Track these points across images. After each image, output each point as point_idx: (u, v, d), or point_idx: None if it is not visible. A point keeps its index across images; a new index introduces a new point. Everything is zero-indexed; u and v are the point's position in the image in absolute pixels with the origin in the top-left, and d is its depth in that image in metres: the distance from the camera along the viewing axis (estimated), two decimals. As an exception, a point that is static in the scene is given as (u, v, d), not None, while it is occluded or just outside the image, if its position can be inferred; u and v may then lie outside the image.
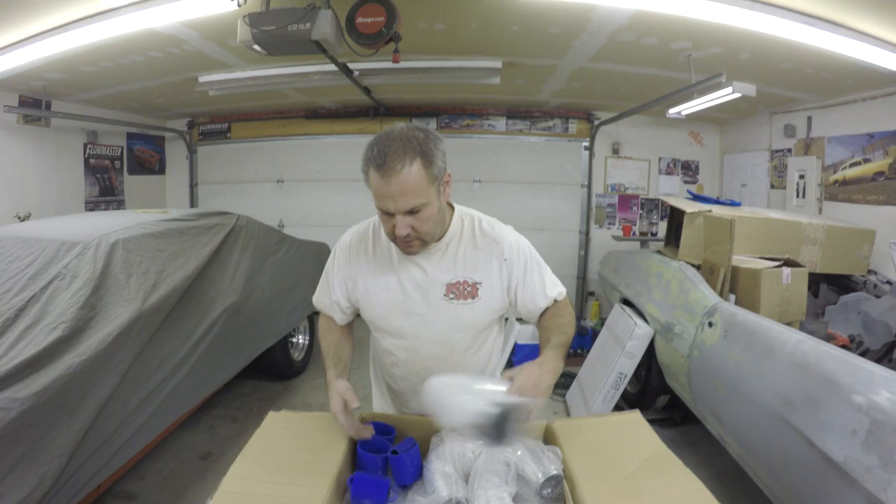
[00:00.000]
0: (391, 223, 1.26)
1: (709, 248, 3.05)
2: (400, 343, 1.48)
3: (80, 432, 1.94)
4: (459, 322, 1.43)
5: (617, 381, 3.30)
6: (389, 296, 1.43)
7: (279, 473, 1.18)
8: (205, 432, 3.29)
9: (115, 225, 2.67)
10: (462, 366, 1.49)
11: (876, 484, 1.56)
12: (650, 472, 1.18)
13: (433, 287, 1.41)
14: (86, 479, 2.04)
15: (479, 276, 1.41)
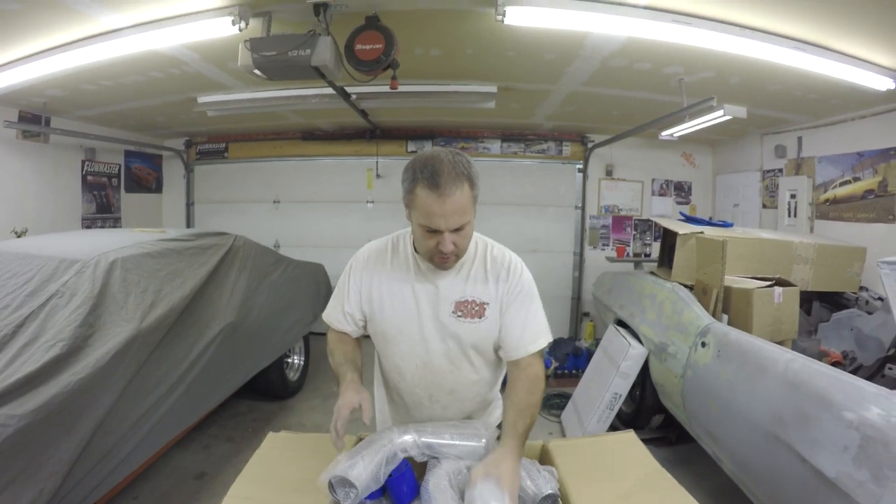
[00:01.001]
0: (435, 240, 1.34)
1: (701, 269, 3.09)
2: (409, 355, 1.52)
3: (77, 450, 1.94)
4: (465, 341, 1.48)
5: (612, 402, 3.32)
6: (404, 306, 1.49)
7: (279, 493, 1.20)
8: (200, 452, 3.27)
9: (114, 244, 2.69)
10: (467, 383, 1.54)
11: (868, 498, 1.59)
12: (645, 491, 1.21)
13: (443, 304, 1.47)
14: (81, 497, 2.03)
15: (487, 297, 1.48)
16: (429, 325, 1.48)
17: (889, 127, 3.59)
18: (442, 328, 1.48)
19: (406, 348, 1.52)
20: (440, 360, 1.51)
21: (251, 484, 1.23)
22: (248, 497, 1.18)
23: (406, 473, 1.24)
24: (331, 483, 1.15)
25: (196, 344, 2.76)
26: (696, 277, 3.13)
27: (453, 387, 1.55)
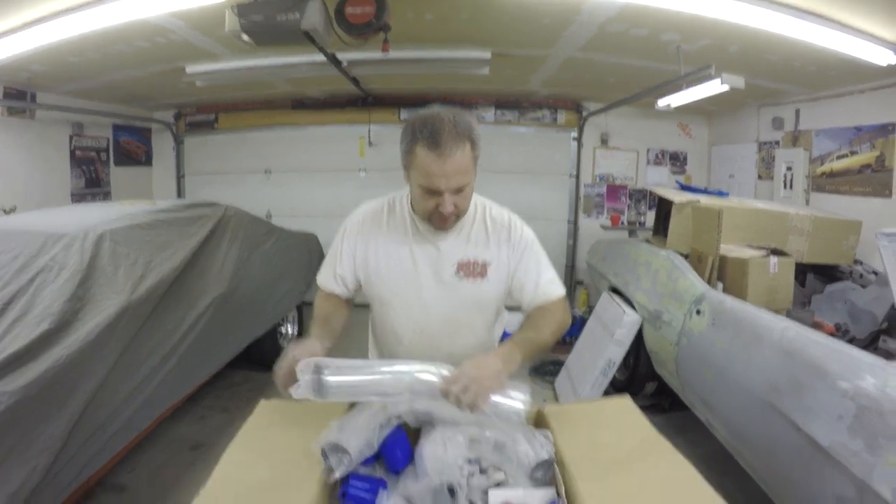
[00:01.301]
0: (434, 201, 1.31)
1: (697, 237, 3.08)
2: (406, 319, 1.50)
3: (69, 425, 1.93)
4: (468, 300, 1.48)
5: (606, 369, 3.33)
6: (402, 269, 1.46)
7: (272, 460, 1.18)
8: (195, 423, 3.27)
9: (102, 217, 2.65)
10: (465, 347, 1.51)
11: (862, 468, 1.59)
12: (641, 455, 1.20)
13: (445, 264, 1.45)
14: (76, 471, 2.04)
15: (489, 256, 1.47)
16: (429, 287, 1.46)
17: (888, 102, 3.54)
18: (443, 289, 1.46)
19: (403, 312, 1.50)
20: (438, 324, 1.49)
21: (243, 451, 1.22)
22: (240, 464, 1.17)
23: (400, 438, 1.23)
24: (323, 450, 1.14)
25: (187, 315, 2.75)
26: (692, 246, 3.12)
27: (451, 350, 1.52)
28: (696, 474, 1.11)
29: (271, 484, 1.10)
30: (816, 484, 1.78)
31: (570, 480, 1.12)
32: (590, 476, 1.12)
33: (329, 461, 1.14)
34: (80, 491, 2.24)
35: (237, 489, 1.09)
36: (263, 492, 1.08)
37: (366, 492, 1.10)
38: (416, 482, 1.12)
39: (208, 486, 1.08)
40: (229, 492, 1.08)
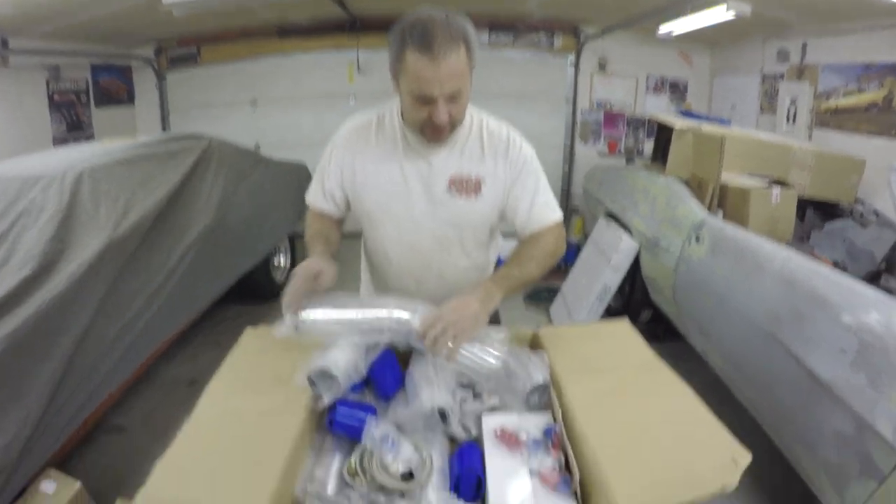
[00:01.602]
0: (426, 110, 1.21)
1: (697, 164, 3.00)
2: (396, 237, 1.44)
3: (59, 371, 1.90)
4: (460, 218, 1.40)
5: (601, 295, 3.32)
6: (392, 185, 1.38)
7: (258, 388, 1.14)
8: (188, 361, 3.26)
9: (81, 156, 2.55)
10: (457, 268, 1.47)
11: (863, 404, 1.56)
12: (640, 380, 1.16)
13: (437, 179, 1.36)
14: (69, 416, 2.01)
15: (484, 172, 1.37)
16: (419, 204, 1.39)
17: (900, 40, 3.36)
18: (435, 206, 1.38)
19: (392, 230, 1.43)
20: (429, 242, 1.43)
21: (229, 382, 1.18)
22: (225, 396, 1.13)
23: (389, 362, 1.19)
24: (310, 377, 1.09)
25: (174, 249, 2.69)
26: (692, 173, 3.04)
27: (442, 271, 1.47)
28: (698, 402, 1.07)
29: (256, 414, 1.05)
30: (814, 418, 1.76)
31: (567, 405, 1.09)
32: (587, 401, 1.08)
33: (316, 388, 1.09)
34: (76, 436, 2.25)
35: (222, 420, 1.04)
36: (248, 422, 1.03)
37: (353, 418, 1.06)
38: (407, 407, 1.08)
39: (192, 418, 1.04)
40: (214, 423, 1.04)
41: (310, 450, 1.07)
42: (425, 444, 1.05)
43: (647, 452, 0.93)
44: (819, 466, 1.75)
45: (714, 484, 0.85)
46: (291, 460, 0.95)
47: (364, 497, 0.94)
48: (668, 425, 1.01)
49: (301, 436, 1.01)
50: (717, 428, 0.99)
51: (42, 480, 1.84)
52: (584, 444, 0.98)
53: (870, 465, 1.52)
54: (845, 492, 1.62)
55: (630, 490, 0.84)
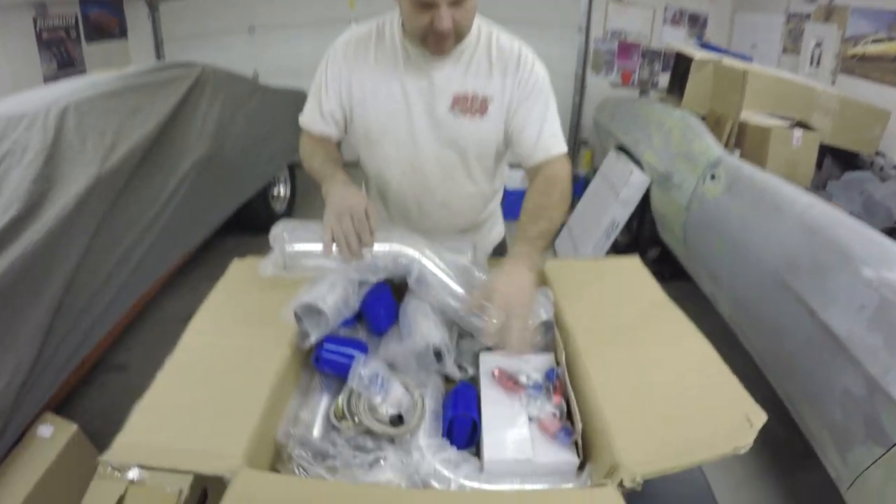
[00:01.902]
0: (427, 17, 1.07)
1: (716, 99, 2.84)
2: (395, 157, 1.32)
3: (51, 312, 1.85)
4: (464, 142, 1.28)
5: (609, 230, 3.23)
6: (391, 103, 1.25)
7: (242, 325, 1.06)
8: (188, 295, 3.19)
9: (67, 91, 2.43)
10: (461, 195, 1.37)
11: (877, 366, 1.48)
12: (650, 323, 1.06)
13: (439, 98, 1.24)
14: (65, 359, 1.97)
15: (491, 90, 1.24)
16: (420, 124, 1.26)
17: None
18: (436, 127, 1.26)
19: (392, 150, 1.31)
20: (431, 166, 1.31)
21: (212, 317, 1.10)
22: (207, 332, 1.06)
23: (383, 296, 1.10)
24: (297, 314, 1.01)
25: (167, 182, 2.60)
26: (710, 107, 2.89)
27: (445, 198, 1.36)
28: (713, 352, 0.98)
29: (239, 352, 0.98)
30: (824, 375, 1.68)
31: (572, 346, 1.01)
32: (593, 343, 1.00)
33: (303, 324, 1.02)
34: (75, 377, 2.23)
35: (202, 360, 0.97)
36: (230, 361, 0.96)
37: (341, 355, 0.99)
38: (400, 344, 1.00)
39: (174, 355, 0.98)
40: (194, 364, 0.97)
41: (296, 390, 1.01)
42: (418, 384, 0.98)
43: (656, 406, 0.85)
44: (823, 425, 1.69)
45: (726, 445, 0.76)
46: (273, 402, 0.89)
47: (350, 441, 0.87)
48: (679, 376, 0.92)
49: (284, 375, 0.94)
50: (732, 382, 0.90)
51: (39, 425, 1.81)
52: (587, 391, 0.90)
53: (878, 430, 1.45)
54: (848, 454, 1.56)
55: (634, 447, 0.77)
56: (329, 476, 0.80)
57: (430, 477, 0.81)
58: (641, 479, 0.72)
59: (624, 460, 0.74)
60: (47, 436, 1.80)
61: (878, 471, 1.44)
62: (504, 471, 0.84)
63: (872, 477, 1.46)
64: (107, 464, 0.76)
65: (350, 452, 0.84)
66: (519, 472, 0.83)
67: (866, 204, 2.79)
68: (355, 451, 0.85)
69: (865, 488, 1.49)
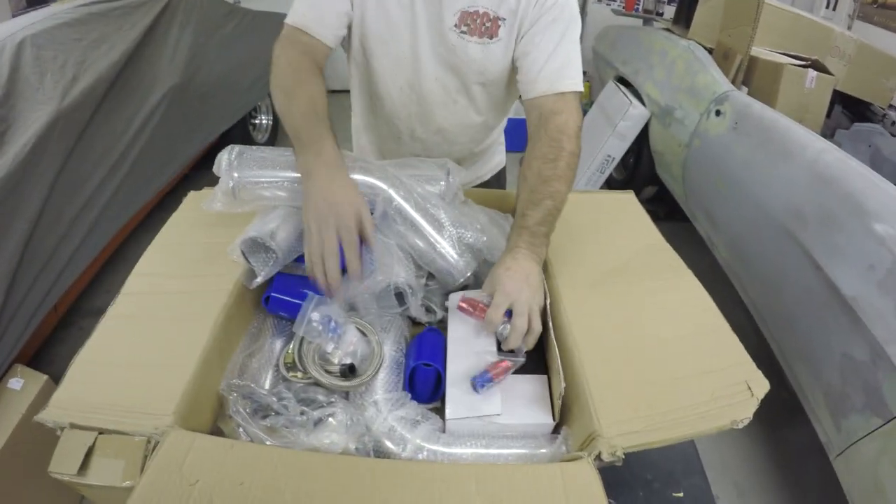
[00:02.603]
0: None
1: (726, 30, 2.65)
2: (392, 74, 1.15)
3: (15, 259, 1.77)
4: (467, 66, 1.10)
5: (603, 164, 3.11)
6: (394, 9, 1.06)
7: (189, 265, 0.95)
8: (166, 232, 3.11)
9: (23, 24, 2.23)
10: (462, 124, 1.21)
11: (884, 332, 1.38)
12: (645, 268, 0.95)
13: (446, 11, 1.05)
14: (34, 306, 1.90)
15: (505, 10, 1.05)
16: (423, 40, 1.08)
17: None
18: (440, 45, 1.08)
19: (389, 65, 1.13)
20: (432, 87, 1.14)
21: (158, 257, 0.99)
22: (152, 274, 0.95)
23: None
24: (243, 251, 0.90)
25: (136, 114, 2.47)
26: (719, 39, 2.70)
27: (443, 125, 1.20)
28: (709, 300, 0.88)
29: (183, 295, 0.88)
30: (825, 335, 1.58)
31: (556, 289, 0.90)
32: (578, 284, 0.89)
33: (251, 262, 0.90)
34: (50, 322, 2.17)
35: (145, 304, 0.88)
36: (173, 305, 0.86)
37: (294, 295, 0.88)
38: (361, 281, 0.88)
39: (117, 300, 0.88)
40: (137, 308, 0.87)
41: (246, 337, 0.91)
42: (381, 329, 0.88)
43: (645, 366, 0.75)
44: (818, 387, 1.60)
45: (722, 417, 0.67)
46: (215, 351, 0.79)
47: (298, 395, 0.78)
48: (673, 331, 0.81)
49: (227, 320, 0.84)
50: (731, 342, 0.79)
51: (9, 378, 1.76)
52: (568, 342, 0.79)
53: (878, 400, 1.37)
54: (843, 422, 1.48)
55: (617, 415, 0.67)
56: (267, 437, 0.71)
57: (384, 437, 0.72)
58: (622, 453, 0.62)
59: (604, 430, 0.65)
60: (18, 388, 1.74)
61: (872, 443, 1.37)
62: (468, 431, 0.74)
63: (866, 448, 1.39)
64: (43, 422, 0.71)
65: (297, 408, 0.74)
66: (485, 433, 0.74)
67: (874, 158, 2.65)
68: (303, 407, 0.75)
69: (857, 458, 1.42)
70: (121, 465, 1.00)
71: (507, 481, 0.61)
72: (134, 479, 0.96)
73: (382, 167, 0.93)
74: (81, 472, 0.82)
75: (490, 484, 0.60)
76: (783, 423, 2.06)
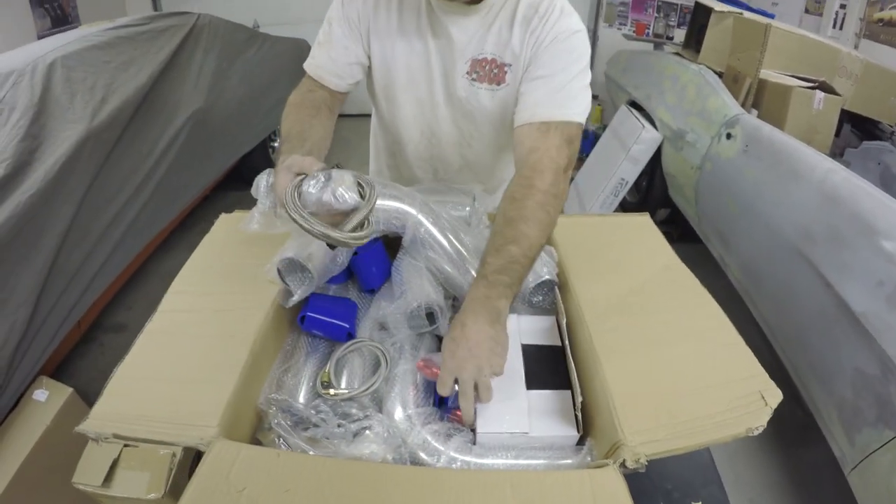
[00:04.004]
0: None
1: (735, 54, 2.70)
2: (413, 121, 1.21)
3: (43, 273, 1.82)
4: (479, 112, 1.15)
5: (617, 187, 3.14)
6: (414, 59, 1.11)
7: (225, 284, 1.00)
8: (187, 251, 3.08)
9: (55, 45, 2.33)
10: (481, 164, 1.27)
11: (894, 346, 1.40)
12: (662, 288, 0.99)
13: (457, 62, 1.10)
14: (60, 320, 1.95)
15: (511, 56, 1.08)
16: (439, 87, 1.14)
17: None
18: (454, 92, 1.13)
19: (410, 112, 1.19)
20: (449, 130, 1.20)
21: (194, 277, 1.04)
22: (188, 293, 1.00)
23: (375, 251, 1.02)
24: (279, 270, 0.94)
25: (161, 136, 2.54)
26: (728, 63, 2.76)
27: (462, 166, 1.26)
28: (724, 318, 0.91)
29: (220, 312, 0.92)
30: (836, 351, 1.61)
31: (575, 310, 0.93)
32: (598, 305, 0.93)
33: (287, 282, 0.95)
34: (72, 337, 2.21)
35: (183, 321, 0.92)
36: (210, 322, 0.90)
37: (327, 314, 0.92)
38: (392, 303, 0.92)
39: (154, 318, 0.92)
40: (175, 325, 0.91)
41: (280, 353, 0.95)
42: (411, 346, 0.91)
43: (664, 379, 0.79)
44: (831, 403, 1.63)
45: (738, 425, 0.71)
46: (254, 366, 0.83)
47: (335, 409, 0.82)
48: (690, 347, 0.85)
49: (265, 337, 0.88)
50: (746, 356, 0.83)
51: (34, 390, 1.80)
52: (590, 359, 0.83)
53: (890, 413, 1.39)
54: (856, 436, 1.50)
55: (639, 425, 0.70)
56: (309, 447, 0.75)
57: (419, 448, 0.76)
58: (646, 460, 0.66)
59: (628, 439, 0.68)
60: (42, 400, 1.78)
61: (886, 454, 1.39)
62: (498, 444, 0.78)
63: (880, 460, 1.41)
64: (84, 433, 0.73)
65: (335, 420, 0.79)
66: (514, 445, 0.77)
67: (883, 176, 2.68)
68: (340, 420, 0.79)
69: (871, 471, 1.44)
70: (146, 477, 1.03)
71: (540, 486, 0.65)
72: (159, 491, 1.00)
73: (412, 193, 0.98)
74: (106, 484, 0.85)
75: (524, 489, 0.64)
76: (799, 441, 2.07)
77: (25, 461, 1.60)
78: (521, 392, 0.83)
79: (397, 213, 0.95)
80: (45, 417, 1.72)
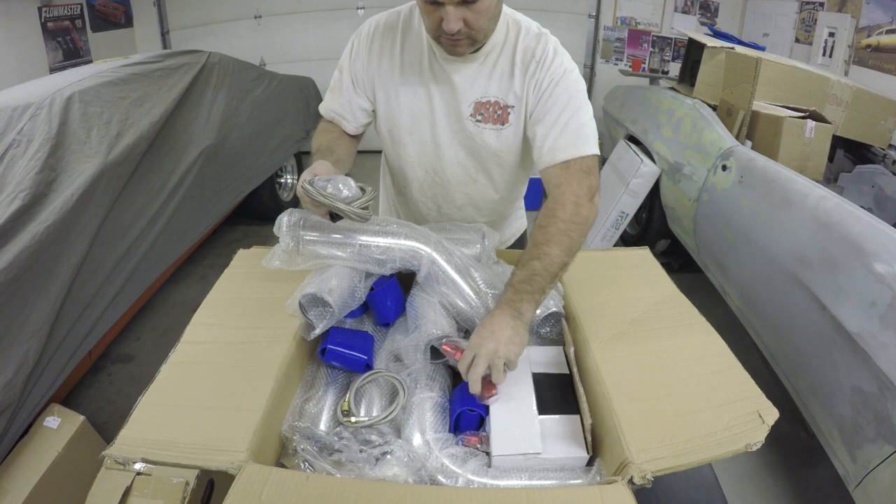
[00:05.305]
0: (437, 15, 1.00)
1: (728, 87, 2.80)
2: (417, 159, 1.29)
3: (57, 303, 1.85)
4: (485, 151, 1.23)
5: (618, 221, 3.22)
6: (416, 103, 1.21)
7: (246, 316, 1.05)
8: (196, 284, 3.21)
9: (71, 80, 2.40)
10: (483, 200, 1.34)
11: (889, 363, 1.45)
12: (662, 316, 1.05)
13: (460, 105, 1.18)
14: (72, 349, 1.98)
15: (513, 98, 1.17)
16: (442, 129, 1.22)
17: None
18: (459, 134, 1.22)
19: (414, 152, 1.27)
20: (453, 169, 1.27)
21: (216, 309, 1.09)
22: (211, 325, 1.04)
23: (390, 287, 1.08)
24: (301, 304, 1.00)
25: (174, 171, 2.61)
26: (721, 97, 2.85)
27: (466, 203, 1.34)
28: (721, 343, 0.98)
29: (243, 343, 0.97)
30: (834, 371, 1.66)
31: (581, 339, 0.99)
32: (603, 334, 0.99)
33: (308, 315, 1.00)
34: (82, 367, 2.24)
35: (207, 351, 0.97)
36: (234, 353, 0.95)
37: (347, 348, 0.97)
38: (406, 336, 0.98)
39: (178, 348, 0.97)
40: (199, 355, 0.96)
41: (301, 383, 1.00)
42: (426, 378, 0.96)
43: (666, 401, 0.84)
44: (833, 422, 1.67)
45: (737, 442, 0.76)
46: (278, 395, 0.88)
47: (356, 435, 0.86)
48: (690, 371, 0.91)
49: (289, 367, 0.93)
50: (743, 378, 0.89)
51: (46, 416, 1.82)
52: (597, 385, 0.89)
53: (889, 428, 1.43)
54: (857, 452, 1.54)
55: (645, 444, 0.76)
56: (335, 470, 0.79)
57: (438, 472, 0.80)
58: (652, 476, 0.71)
59: (634, 457, 0.74)
60: (54, 427, 1.80)
61: (887, 469, 1.42)
62: (512, 466, 0.82)
63: (882, 476, 1.44)
64: (111, 458, 0.75)
65: (356, 446, 0.83)
66: (527, 467, 0.82)
67: (878, 198, 2.75)
68: (361, 446, 0.84)
69: (874, 487, 1.47)
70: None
71: (554, 501, 0.70)
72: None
73: (425, 232, 1.04)
74: (118, 512, 0.87)
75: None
76: (804, 462, 2.10)
77: (36, 487, 1.61)
78: (534, 417, 0.88)
79: (413, 251, 1.01)
80: (56, 444, 1.74)
